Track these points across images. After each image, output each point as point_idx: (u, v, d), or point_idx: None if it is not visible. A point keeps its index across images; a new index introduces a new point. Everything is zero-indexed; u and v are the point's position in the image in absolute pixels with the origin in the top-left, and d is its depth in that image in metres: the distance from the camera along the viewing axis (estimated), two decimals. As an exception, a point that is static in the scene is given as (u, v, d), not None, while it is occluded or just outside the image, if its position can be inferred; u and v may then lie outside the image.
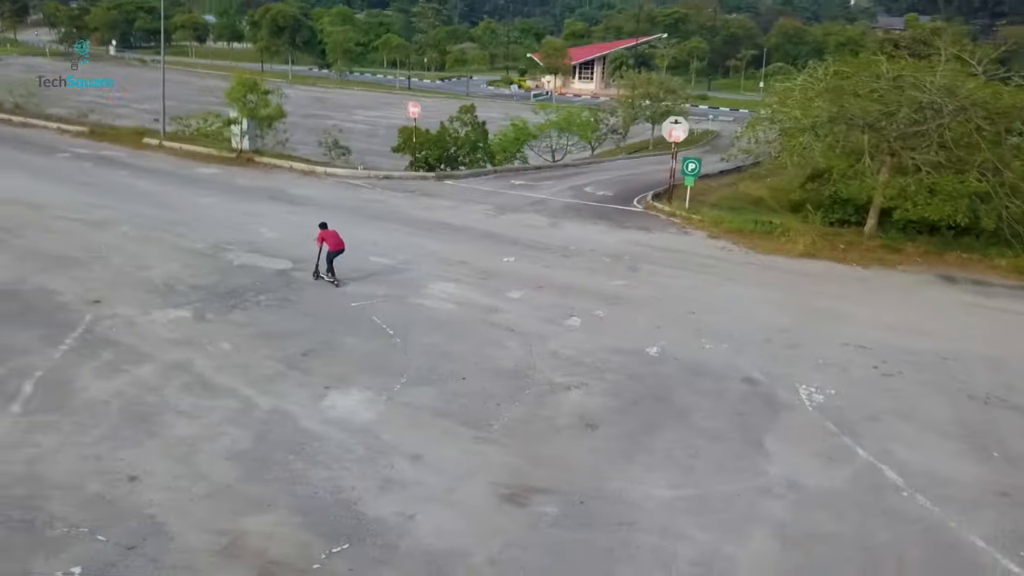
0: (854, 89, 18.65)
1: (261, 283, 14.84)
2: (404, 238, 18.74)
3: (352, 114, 59.35)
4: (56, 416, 9.68)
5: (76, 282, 14.17)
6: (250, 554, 7.55)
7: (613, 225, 21.78)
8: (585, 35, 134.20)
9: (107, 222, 18.18)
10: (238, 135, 26.69)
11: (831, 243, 20.35)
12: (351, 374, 11.37)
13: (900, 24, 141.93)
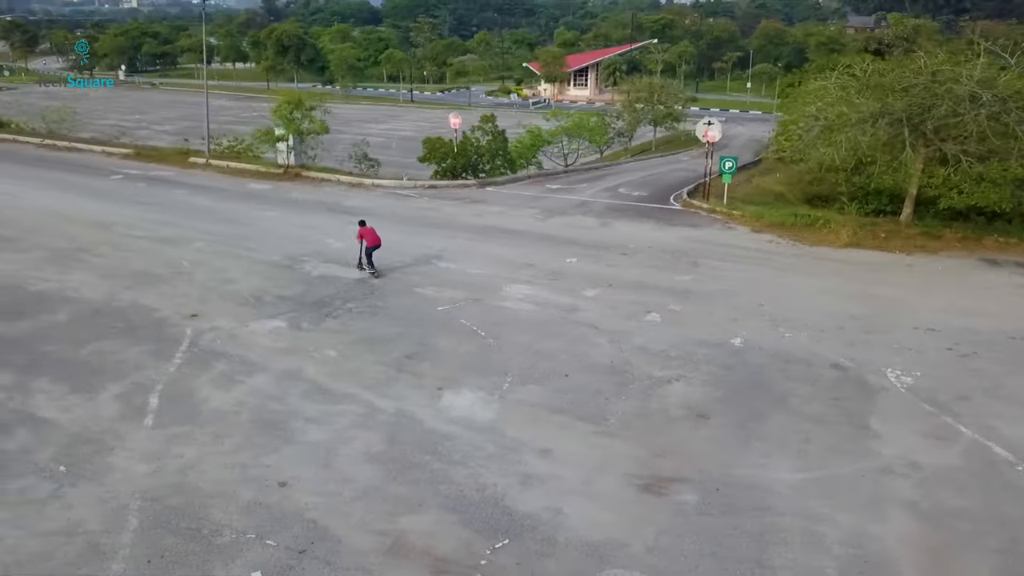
0: (895, 85, 18.96)
1: (344, 292, 15.17)
2: (467, 244, 19.07)
3: (364, 128, 59.62)
4: (189, 427, 10.01)
5: (166, 297, 14.50)
6: (416, 553, 7.86)
7: (660, 223, 22.12)
8: (575, 43, 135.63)
9: (178, 239, 18.53)
10: (284, 151, 27.05)
11: (872, 232, 20.67)
12: (457, 375, 11.70)
13: (871, 23, 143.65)
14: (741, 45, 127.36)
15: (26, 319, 13.28)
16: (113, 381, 11.12)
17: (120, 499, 8.48)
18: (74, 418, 10.10)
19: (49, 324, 13.12)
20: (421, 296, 15.11)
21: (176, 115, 70.74)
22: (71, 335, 12.67)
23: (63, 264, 16.31)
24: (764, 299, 15.55)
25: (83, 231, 18.94)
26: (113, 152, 30.84)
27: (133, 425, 9.99)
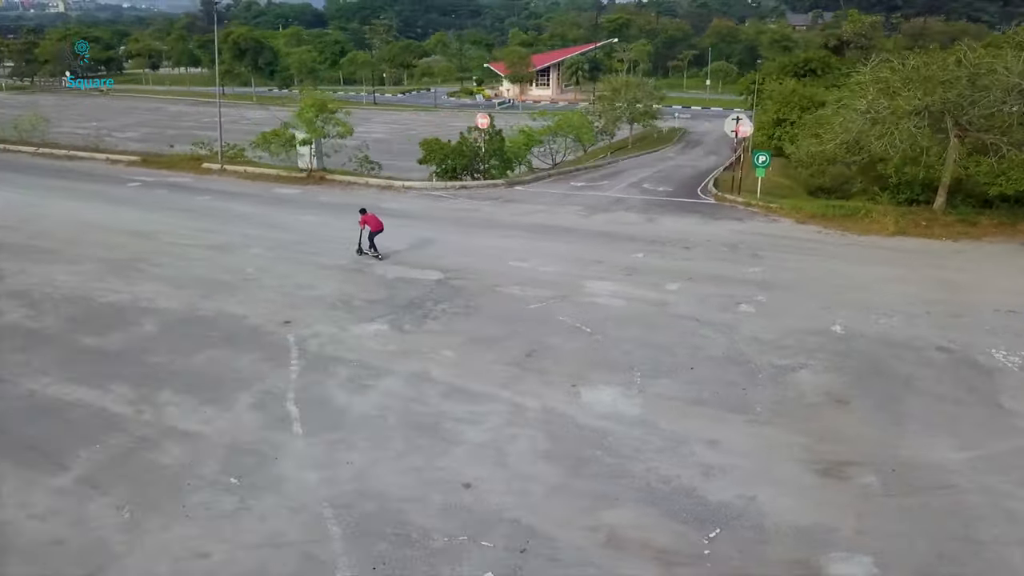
0: (938, 77, 19.58)
1: (431, 294, 14.88)
2: (527, 242, 18.94)
3: None
4: (342, 433, 9.67)
5: (248, 305, 14.00)
6: (636, 546, 7.75)
7: (705, 217, 22.39)
8: (533, 43, 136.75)
9: (230, 246, 17.94)
10: (306, 155, 26.45)
11: (913, 221, 21.30)
12: (584, 372, 11.58)
13: (808, 20, 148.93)
14: (694, 43, 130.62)
15: (115, 331, 12.65)
16: (239, 391, 10.67)
17: (310, 508, 8.14)
18: (219, 430, 9.65)
19: (141, 336, 12.53)
20: (507, 295, 14.93)
21: (134, 121, 68.38)
22: (171, 346, 12.12)
23: (124, 275, 15.60)
24: (840, 287, 15.86)
25: (128, 240, 18.17)
26: (118, 159, 29.73)
27: (284, 434, 9.60)
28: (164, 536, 7.66)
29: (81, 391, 10.53)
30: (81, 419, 9.82)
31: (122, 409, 10.10)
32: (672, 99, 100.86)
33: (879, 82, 21.02)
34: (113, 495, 8.28)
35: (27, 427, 9.62)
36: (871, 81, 21.45)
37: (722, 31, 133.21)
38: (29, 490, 8.34)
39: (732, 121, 25.51)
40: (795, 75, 71.91)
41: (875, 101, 20.18)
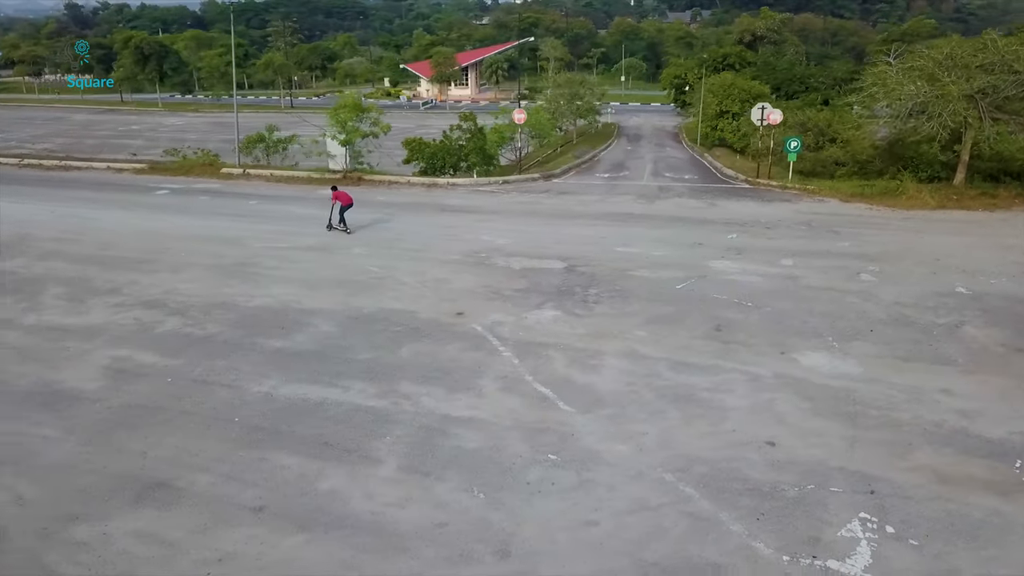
0: (973, 63, 21.40)
1: (568, 281, 15.04)
2: (615, 229, 19.38)
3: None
4: (613, 409, 9.69)
5: (405, 300, 13.72)
6: (963, 478, 8.23)
7: (759, 201, 23.54)
8: (443, 43, 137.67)
9: (327, 246, 17.51)
10: (340, 156, 25.87)
11: (944, 196, 23.07)
12: (779, 340, 12.06)
13: (688, 18, 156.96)
14: (598, 41, 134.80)
15: (295, 333, 12.16)
16: (476, 378, 10.55)
17: (648, 474, 8.24)
18: (494, 413, 9.53)
19: (326, 335, 12.10)
20: (644, 278, 15.29)
21: (44, 132, 63.57)
22: (366, 342, 11.78)
23: (246, 279, 14.94)
24: (932, 256, 17.10)
25: (219, 247, 17.36)
26: (123, 167, 28.20)
27: (558, 413, 9.56)
28: (539, 510, 7.60)
29: (318, 390, 10.14)
30: (345, 415, 9.48)
31: (377, 403, 9.82)
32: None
33: (917, 70, 22.70)
34: (449, 480, 8.11)
35: (299, 426, 9.23)
36: (908, 69, 23.11)
37: (625, 28, 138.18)
38: (366, 482, 8.05)
39: (758, 110, 26.85)
40: (715, 69, 76.12)
41: (921, 87, 21.79)
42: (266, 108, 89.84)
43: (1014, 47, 21.86)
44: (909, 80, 22.60)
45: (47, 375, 10.58)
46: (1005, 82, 21.19)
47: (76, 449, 8.71)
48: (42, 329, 12.31)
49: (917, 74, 22.60)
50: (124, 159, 30.22)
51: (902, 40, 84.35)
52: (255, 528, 7.31)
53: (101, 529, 7.25)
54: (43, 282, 14.67)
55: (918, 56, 23.69)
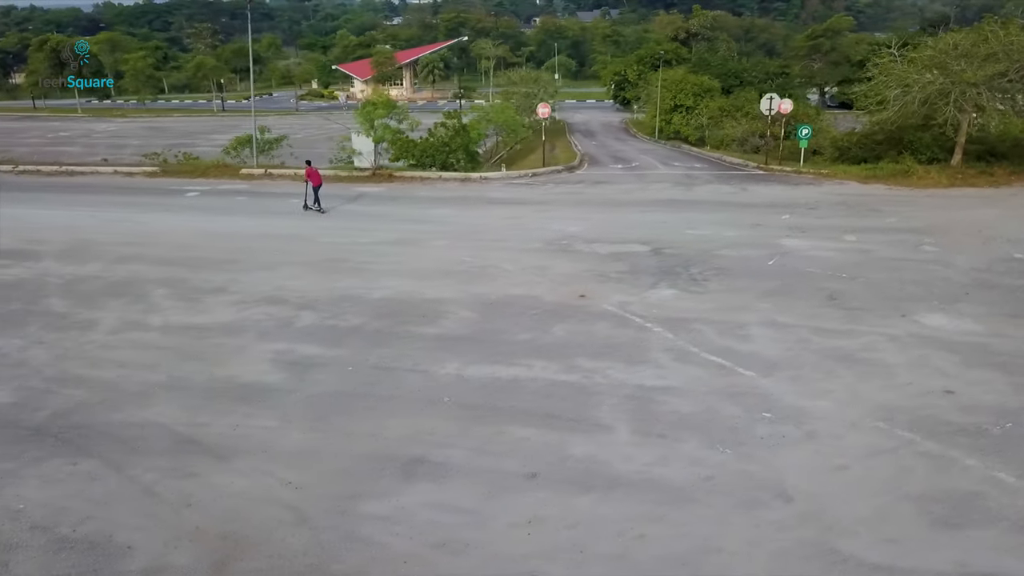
0: (977, 54, 23.14)
1: (664, 263, 15.61)
2: (674, 214, 20.19)
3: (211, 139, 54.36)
4: (796, 371, 10.22)
5: (523, 287, 13.97)
6: None
7: (786, 184, 24.83)
8: (371, 44, 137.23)
9: (405, 240, 17.56)
10: (370, 153, 25.78)
11: (950, 175, 24.77)
12: (893, 305, 12.91)
13: (594, 15, 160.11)
14: (521, 40, 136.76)
15: (442, 319, 12.28)
16: (646, 351, 10.94)
17: (880, 426, 8.81)
18: (690, 381, 9.93)
19: (471, 321, 12.21)
20: (732, 256, 16.03)
21: None
22: (516, 325, 11.97)
23: (350, 273, 14.90)
24: (974, 227, 18.54)
25: (299, 246, 17.19)
26: (133, 172, 27.32)
27: (750, 378, 10.02)
28: (788, 460, 8.08)
29: (504, 369, 10.35)
30: (546, 389, 9.70)
31: (568, 377, 10.07)
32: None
33: (929, 60, 24.35)
34: (687, 440, 8.50)
35: (512, 401, 9.46)
36: (911, 60, 24.75)
37: (549, 27, 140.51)
38: (613, 447, 8.38)
39: (767, 100, 28.18)
40: (653, 66, 79.19)
41: (937, 76, 23.41)
42: (198, 112, 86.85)
43: (1012, 38, 23.74)
44: (917, 71, 24.25)
45: (219, 371, 10.45)
46: (1010, 69, 23.01)
47: (306, 436, 8.73)
48: (178, 328, 12.06)
49: (926, 64, 24.27)
50: (129, 163, 29.17)
51: (824, 36, 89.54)
52: (540, 492, 7.58)
53: (394, 503, 7.38)
54: (138, 284, 14.27)
55: (923, 48, 25.44)
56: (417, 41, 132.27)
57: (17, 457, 8.21)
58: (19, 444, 8.50)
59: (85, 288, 14.09)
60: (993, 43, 23.47)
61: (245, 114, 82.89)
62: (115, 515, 7.17)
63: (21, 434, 8.75)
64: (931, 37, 26.95)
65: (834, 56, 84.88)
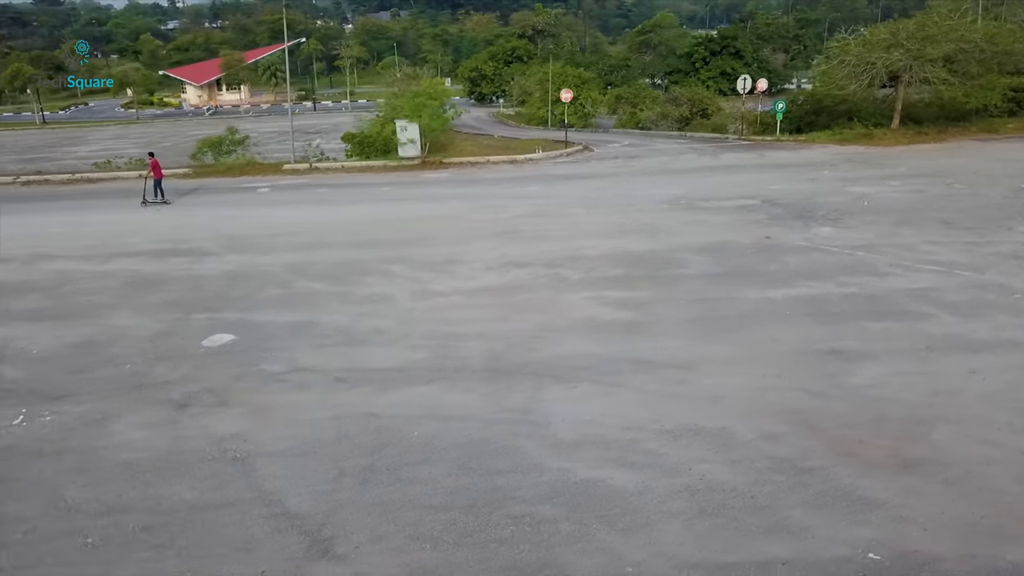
0: (939, 35, 28.59)
1: (791, 210, 18.59)
2: (730, 177, 23.97)
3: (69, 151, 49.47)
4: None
5: (714, 235, 16.20)
6: None
7: (786, 150, 28.95)
8: (188, 48, 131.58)
9: (549, 212, 19.27)
10: (409, 144, 26.50)
11: (900, 136, 30.12)
12: (988, 224, 16.62)
13: (386, 18, 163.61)
14: (342, 40, 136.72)
15: (685, 265, 14.26)
16: (875, 268, 13.74)
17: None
18: (940, 281, 12.83)
19: (710, 263, 14.28)
20: (830, 202, 19.25)
21: None
22: (763, 261, 14.22)
23: (543, 240, 16.33)
24: (968, 171, 23.18)
25: (451, 224, 18.31)
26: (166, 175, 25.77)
27: (983, 278, 13.16)
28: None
29: (802, 290, 12.62)
30: (862, 301, 12.22)
31: (857, 290, 12.63)
32: (366, 94, 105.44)
33: (882, 42, 29.46)
34: (997, 314, 11.40)
35: (858, 308, 11.80)
36: (880, 42, 29.79)
37: (370, 28, 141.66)
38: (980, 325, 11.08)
39: (742, 81, 32.39)
40: (506, 62, 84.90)
41: (895, 55, 28.56)
42: (12, 125, 77.80)
43: (949, 22, 29.55)
44: (879, 51, 29.33)
45: (574, 314, 11.83)
46: (956, 50, 28.65)
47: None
48: (474, 290, 13.11)
49: (883, 45, 29.45)
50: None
51: (653, 31, 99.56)
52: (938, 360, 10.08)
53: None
54: (363, 265, 14.76)
55: (873, 32, 30.79)
56: (231, 45, 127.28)
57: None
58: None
59: (320, 271, 14.46)
60: (933, 29, 29.18)
61: (70, 125, 75.29)
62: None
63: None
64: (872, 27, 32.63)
65: (662, 49, 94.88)
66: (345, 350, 10.74)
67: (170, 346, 10.97)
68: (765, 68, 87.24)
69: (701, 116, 43.85)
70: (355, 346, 10.91)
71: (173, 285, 13.79)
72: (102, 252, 16.15)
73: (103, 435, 8.60)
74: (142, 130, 64.13)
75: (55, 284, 14.01)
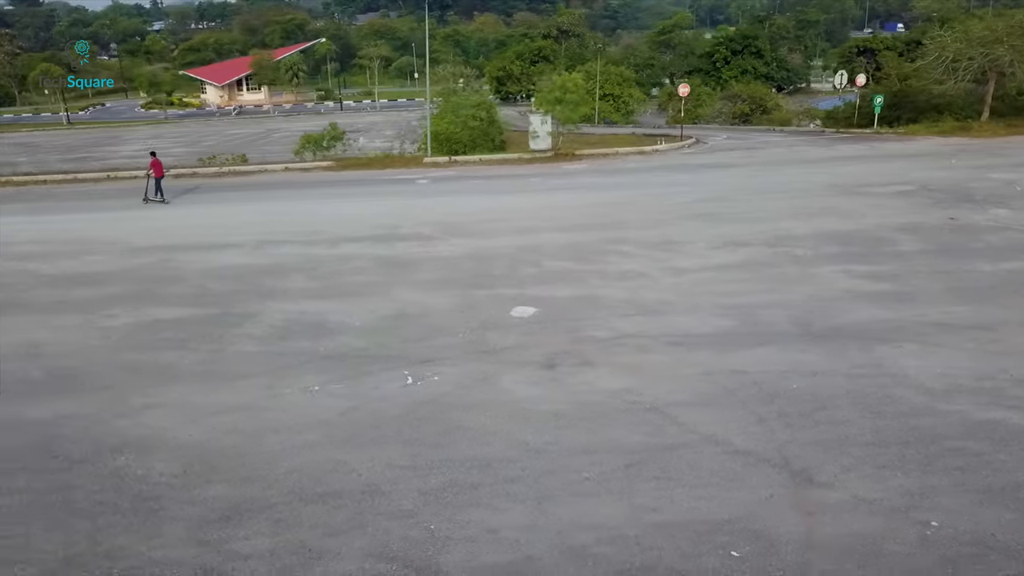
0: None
1: (950, 196, 19.41)
2: (846, 168, 25.01)
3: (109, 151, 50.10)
4: None
5: (887, 218, 17.07)
6: None
7: (896, 142, 29.97)
8: (198, 49, 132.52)
9: (714, 198, 20.34)
10: (542, 136, 27.39)
11: (999, 128, 31.12)
12: None
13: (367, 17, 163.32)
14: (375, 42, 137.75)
15: (887, 245, 15.12)
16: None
17: None
18: None
19: (917, 241, 15.22)
20: (982, 187, 20.18)
21: None
22: (953, 239, 15.17)
23: (747, 222, 17.14)
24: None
25: (640, 210, 19.06)
26: (310, 168, 27.05)
27: None
28: None
29: None
30: None
31: None
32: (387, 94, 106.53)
33: (978, 40, 30.52)
34: None
35: None
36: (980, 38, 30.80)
37: (378, 28, 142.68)
38: None
39: (839, 76, 33.50)
40: (531, 61, 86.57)
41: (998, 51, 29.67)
42: (39, 126, 78.02)
43: None
44: (979, 46, 30.34)
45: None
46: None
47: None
48: (712, 269, 13.92)
49: (986, 42, 30.48)
50: (301, 160, 29.20)
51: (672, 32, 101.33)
52: None
53: None
54: (604, 245, 15.46)
55: (967, 28, 31.90)
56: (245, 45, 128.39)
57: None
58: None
59: (553, 252, 15.17)
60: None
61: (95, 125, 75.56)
62: None
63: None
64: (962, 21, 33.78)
65: (681, 49, 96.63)
66: (650, 319, 11.50)
67: (483, 318, 11.70)
68: (784, 67, 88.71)
69: (761, 112, 44.88)
70: (655, 315, 11.66)
71: (426, 266, 14.53)
72: (322, 238, 16.88)
73: (500, 391, 9.34)
74: (176, 130, 64.83)
75: (308, 266, 14.70)
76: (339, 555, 6.41)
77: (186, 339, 11.16)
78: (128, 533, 6.81)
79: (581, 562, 6.23)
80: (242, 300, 12.77)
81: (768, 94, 48.60)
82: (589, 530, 6.62)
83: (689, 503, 6.98)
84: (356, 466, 7.72)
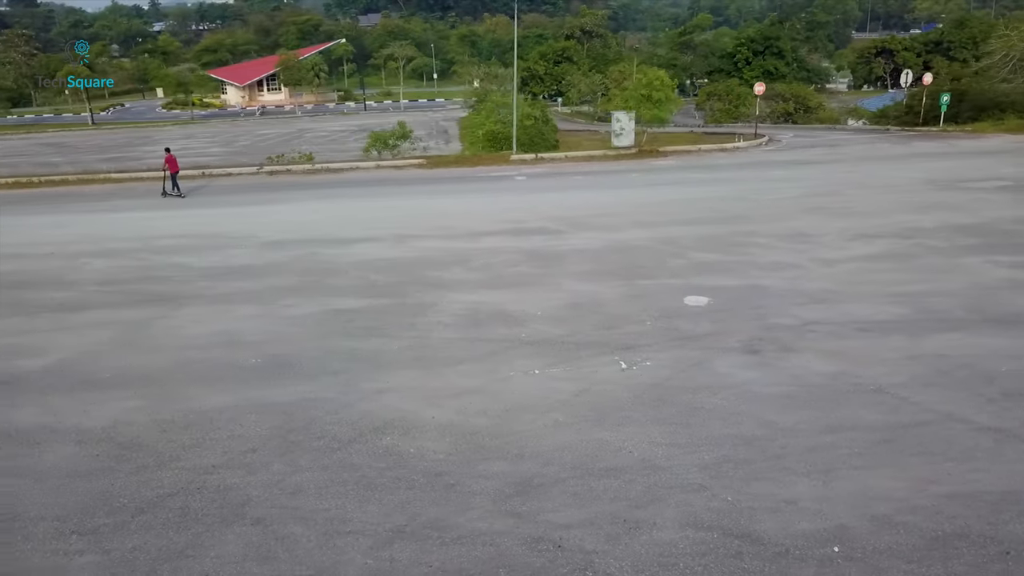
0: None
1: None
2: (935, 164, 25.92)
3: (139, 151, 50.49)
4: None
5: (1001, 211, 17.44)
6: None
7: (966, 140, 30.11)
8: (216, 49, 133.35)
9: (820, 192, 20.75)
10: (628, 133, 27.89)
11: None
12: None
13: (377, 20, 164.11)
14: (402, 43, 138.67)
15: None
16: None
17: None
18: None
19: None
20: None
21: None
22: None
23: (858, 216, 17.54)
24: None
25: (746, 203, 19.40)
26: (402, 165, 27.66)
27: None
28: None
29: None
30: None
31: None
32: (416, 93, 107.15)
33: None
34: None
35: None
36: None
37: (392, 28, 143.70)
38: None
39: (905, 75, 33.95)
40: (555, 62, 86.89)
41: None
42: (57, 126, 78.50)
43: None
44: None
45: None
46: None
47: None
48: (859, 259, 14.25)
49: None
50: (394, 158, 29.69)
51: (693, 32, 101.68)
52: None
53: None
54: (719, 240, 15.89)
55: None
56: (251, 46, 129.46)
57: None
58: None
59: (692, 244, 15.54)
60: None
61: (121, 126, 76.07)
62: None
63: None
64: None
65: (701, 49, 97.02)
66: (825, 307, 11.79)
67: (660, 307, 12.05)
68: (804, 67, 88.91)
69: (804, 111, 45.14)
70: (827, 304, 11.97)
71: (572, 258, 14.89)
72: (456, 232, 17.27)
73: (719, 375, 9.65)
74: (205, 130, 65.35)
75: (460, 259, 15.06)
76: (655, 525, 6.74)
77: (380, 327, 11.54)
78: (437, 506, 7.16)
79: (894, 530, 6.55)
80: (413, 291, 13.15)
81: (811, 93, 48.94)
82: (882, 501, 6.95)
83: (965, 475, 7.30)
84: (621, 444, 8.06)
